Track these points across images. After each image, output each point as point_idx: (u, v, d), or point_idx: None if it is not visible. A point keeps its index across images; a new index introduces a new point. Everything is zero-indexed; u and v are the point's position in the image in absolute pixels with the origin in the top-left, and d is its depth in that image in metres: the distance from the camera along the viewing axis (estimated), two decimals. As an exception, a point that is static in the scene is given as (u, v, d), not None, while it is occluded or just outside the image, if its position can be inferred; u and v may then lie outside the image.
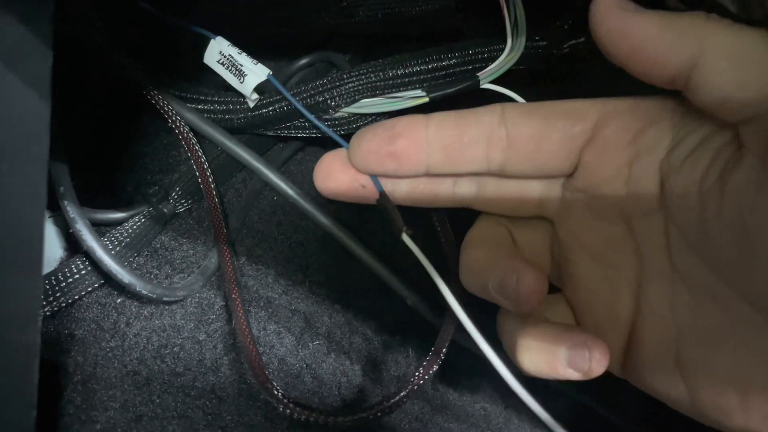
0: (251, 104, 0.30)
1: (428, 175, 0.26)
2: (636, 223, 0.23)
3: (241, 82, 0.29)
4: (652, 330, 0.23)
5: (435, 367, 0.28)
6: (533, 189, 0.26)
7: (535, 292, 0.21)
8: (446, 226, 0.31)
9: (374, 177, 0.27)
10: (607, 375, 0.22)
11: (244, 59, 0.29)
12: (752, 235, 0.18)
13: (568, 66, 0.32)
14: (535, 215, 0.27)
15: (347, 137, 0.30)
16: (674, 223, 0.21)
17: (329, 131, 0.29)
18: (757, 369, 0.19)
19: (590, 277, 0.24)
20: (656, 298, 0.22)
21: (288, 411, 0.26)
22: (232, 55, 0.29)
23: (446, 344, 0.28)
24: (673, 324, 0.22)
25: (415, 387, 0.27)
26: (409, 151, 0.25)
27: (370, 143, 0.26)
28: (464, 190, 0.27)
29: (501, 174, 0.25)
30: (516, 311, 0.23)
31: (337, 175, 0.27)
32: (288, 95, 0.28)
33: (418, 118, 0.25)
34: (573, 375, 0.21)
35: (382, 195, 0.27)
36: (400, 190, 0.27)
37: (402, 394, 0.27)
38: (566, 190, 0.25)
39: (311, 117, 0.29)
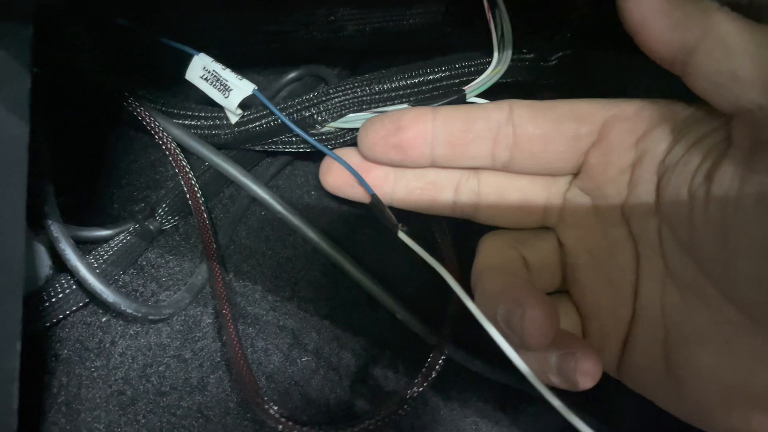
0: (235, 120, 0.30)
1: (433, 166, 0.27)
2: (634, 224, 0.23)
3: (226, 97, 0.29)
4: (644, 331, 0.23)
5: (426, 383, 0.28)
6: (537, 196, 0.26)
7: (541, 330, 0.19)
8: (446, 234, 0.31)
9: (363, 180, 0.27)
10: (602, 383, 0.21)
11: (228, 75, 0.29)
12: (734, 233, 0.18)
13: (556, 78, 0.32)
14: (539, 225, 0.27)
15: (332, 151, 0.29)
16: (666, 223, 0.22)
17: (316, 143, 0.29)
18: (739, 370, 0.20)
19: (594, 282, 0.25)
20: (649, 298, 0.23)
21: (280, 427, 0.26)
22: (217, 70, 0.29)
23: (440, 360, 0.28)
24: (663, 324, 0.22)
25: (408, 404, 0.27)
26: (414, 143, 0.25)
27: (376, 133, 0.26)
28: (465, 199, 0.27)
29: (504, 170, 0.26)
30: (524, 349, 0.21)
31: (337, 170, 0.28)
32: (274, 110, 0.28)
33: (426, 111, 0.26)
34: (563, 384, 0.21)
35: (374, 197, 0.28)
36: (399, 192, 0.28)
37: (396, 409, 0.27)
38: (570, 194, 0.25)
39: (298, 130, 0.29)
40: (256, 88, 0.28)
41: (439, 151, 0.25)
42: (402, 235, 0.27)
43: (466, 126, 0.25)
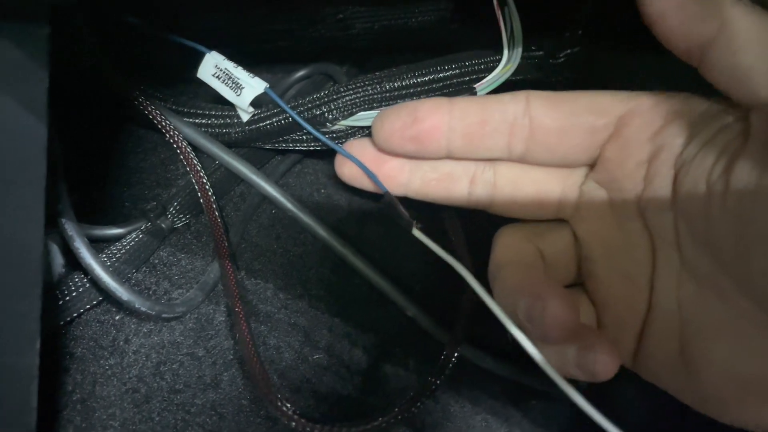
0: (247, 118, 0.30)
1: (449, 158, 0.26)
2: (650, 218, 0.23)
3: (238, 95, 0.29)
4: (659, 323, 0.23)
5: (441, 380, 0.28)
6: (552, 188, 0.26)
7: (561, 323, 0.20)
8: (459, 230, 0.31)
9: (375, 177, 0.27)
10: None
11: (240, 73, 0.29)
12: (751, 227, 0.18)
13: (565, 76, 0.32)
14: (554, 217, 0.27)
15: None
16: (683, 217, 0.22)
17: (327, 140, 0.29)
18: (754, 363, 0.20)
19: (610, 275, 0.25)
20: (665, 292, 0.23)
21: (294, 424, 0.26)
22: (229, 68, 0.29)
23: (453, 357, 0.28)
24: (678, 317, 0.22)
25: (422, 400, 0.27)
26: (430, 135, 0.25)
27: (392, 125, 0.26)
28: (480, 191, 0.27)
29: (520, 162, 0.26)
30: (543, 343, 0.21)
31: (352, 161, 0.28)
32: (286, 108, 0.28)
33: (442, 102, 0.25)
34: (581, 376, 0.21)
35: (387, 194, 0.27)
36: (414, 183, 0.27)
37: (409, 406, 0.27)
38: (585, 187, 0.25)
39: (310, 128, 0.29)
40: (268, 86, 0.29)
41: (455, 142, 0.25)
42: (417, 233, 0.27)
43: (483, 118, 0.25)
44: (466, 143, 0.25)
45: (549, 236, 0.26)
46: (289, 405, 0.26)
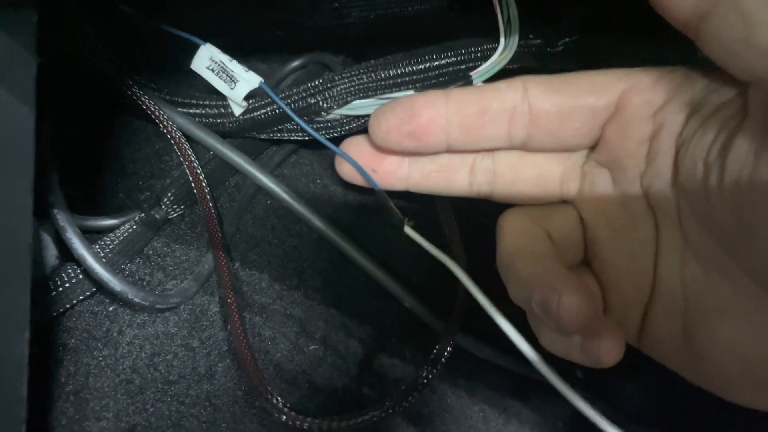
0: (240, 111, 0.29)
1: (449, 151, 0.26)
2: (653, 197, 0.23)
3: (232, 89, 0.28)
4: (663, 303, 0.23)
5: (435, 371, 0.28)
6: (553, 171, 0.26)
7: (577, 315, 0.19)
8: (453, 225, 0.30)
9: (368, 176, 0.27)
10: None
11: (235, 66, 0.29)
12: (749, 208, 0.18)
13: (563, 64, 0.31)
14: (557, 200, 0.26)
15: (340, 139, 0.29)
16: (684, 196, 0.21)
17: (318, 135, 0.29)
18: (758, 343, 0.20)
19: (615, 255, 0.24)
20: (669, 271, 0.22)
21: (284, 417, 0.26)
22: (224, 62, 0.29)
23: (447, 348, 0.28)
24: (682, 297, 0.22)
25: (418, 391, 0.27)
26: (428, 130, 0.25)
27: (389, 123, 0.25)
28: (481, 180, 0.27)
29: (522, 149, 0.25)
30: (559, 332, 0.22)
31: (356, 158, 0.27)
32: (279, 101, 0.28)
33: (438, 96, 0.25)
34: (586, 362, 0.21)
35: (379, 192, 0.27)
36: (414, 176, 0.27)
37: (404, 398, 0.27)
38: (587, 167, 0.25)
39: (301, 122, 0.28)
40: (263, 81, 0.28)
41: (454, 135, 0.25)
42: (408, 230, 0.27)
43: (481, 108, 0.24)
44: (465, 135, 0.25)
45: (556, 218, 0.26)
46: (279, 398, 0.26)
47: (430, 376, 0.28)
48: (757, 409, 0.21)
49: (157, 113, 0.29)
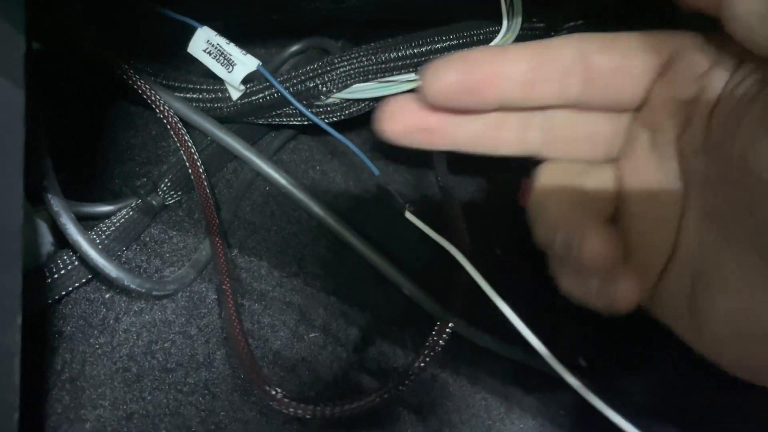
0: (237, 95, 0.29)
1: (500, 109, 0.25)
2: (685, 160, 0.23)
3: (230, 72, 0.28)
4: (679, 266, 0.23)
5: (431, 357, 0.27)
6: (602, 130, 0.25)
7: (599, 256, 0.21)
8: (457, 209, 0.30)
9: (367, 160, 0.27)
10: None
11: (233, 49, 0.28)
12: (753, 181, 0.18)
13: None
14: (602, 158, 0.26)
15: (340, 124, 0.29)
16: (711, 162, 0.21)
17: (317, 120, 0.28)
18: (755, 314, 0.20)
19: (644, 215, 0.24)
20: (688, 236, 0.22)
21: (275, 403, 0.25)
22: (221, 45, 0.28)
23: (444, 334, 0.28)
24: (694, 264, 0.22)
25: (413, 378, 0.27)
26: (485, 86, 0.24)
27: (447, 77, 0.24)
28: (531, 137, 0.26)
29: (573, 107, 0.25)
30: (579, 274, 0.23)
31: (402, 116, 0.26)
32: (277, 85, 0.28)
33: (495, 52, 0.24)
34: (601, 306, 0.22)
35: (379, 178, 0.27)
36: (462, 135, 0.26)
37: (399, 384, 0.27)
38: (632, 127, 0.25)
39: (300, 106, 0.28)
40: (261, 64, 0.28)
41: (510, 91, 0.24)
42: (409, 215, 0.26)
43: (537, 64, 0.24)
44: (520, 92, 0.24)
45: (591, 174, 0.26)
46: (269, 387, 0.26)
47: (424, 362, 0.27)
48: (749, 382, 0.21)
49: (153, 98, 0.29)
